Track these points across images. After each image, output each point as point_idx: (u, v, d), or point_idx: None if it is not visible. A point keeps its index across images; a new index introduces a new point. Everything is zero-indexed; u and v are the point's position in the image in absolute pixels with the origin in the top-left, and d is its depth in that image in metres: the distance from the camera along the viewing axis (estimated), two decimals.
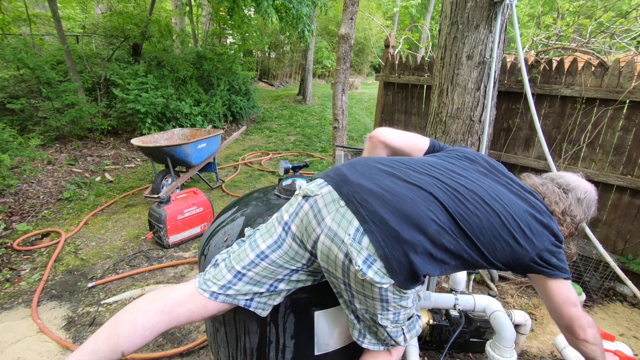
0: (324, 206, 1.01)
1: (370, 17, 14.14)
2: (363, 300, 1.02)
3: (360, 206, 0.95)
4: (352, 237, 0.93)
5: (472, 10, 2.55)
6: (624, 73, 2.46)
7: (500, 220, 0.98)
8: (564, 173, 1.27)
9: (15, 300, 2.36)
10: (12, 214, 3.52)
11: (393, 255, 0.92)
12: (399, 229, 0.91)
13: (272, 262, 1.09)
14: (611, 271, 2.39)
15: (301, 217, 1.06)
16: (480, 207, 0.98)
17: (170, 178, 3.98)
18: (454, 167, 1.11)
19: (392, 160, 1.11)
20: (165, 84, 6.28)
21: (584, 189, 1.20)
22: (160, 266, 2.79)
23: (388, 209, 0.94)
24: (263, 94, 11.90)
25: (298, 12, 5.99)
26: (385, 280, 0.93)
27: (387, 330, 1.06)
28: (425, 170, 1.07)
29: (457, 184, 1.02)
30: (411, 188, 0.99)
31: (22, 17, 5.86)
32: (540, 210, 1.06)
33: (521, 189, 1.11)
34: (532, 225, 1.01)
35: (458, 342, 1.90)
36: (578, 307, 1.06)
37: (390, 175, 1.03)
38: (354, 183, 1.00)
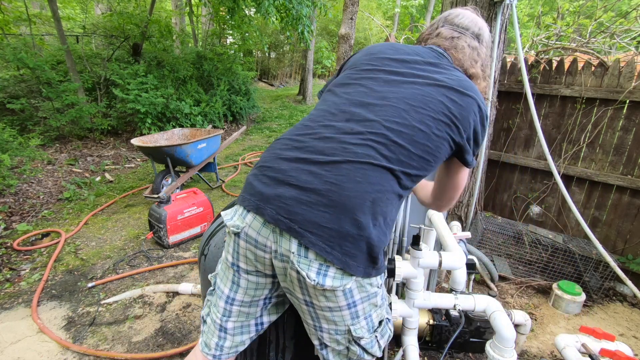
0: (257, 234, 0.91)
1: (370, 17, 14.15)
2: (330, 316, 0.93)
3: (290, 221, 0.85)
4: (296, 254, 0.86)
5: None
6: (624, 73, 2.46)
7: (424, 133, 0.92)
8: (467, 13, 1.16)
9: (15, 300, 2.36)
10: (12, 214, 3.52)
11: (345, 254, 0.84)
12: (338, 227, 0.84)
13: (241, 303, 1.02)
14: (611, 271, 2.39)
15: (244, 254, 0.96)
16: (400, 133, 0.90)
17: (170, 178, 3.98)
18: (352, 98, 0.98)
19: (294, 138, 0.97)
20: (165, 84, 6.28)
21: (486, 29, 1.15)
22: (160, 266, 2.79)
23: (319, 211, 0.84)
24: (263, 94, 11.89)
25: (298, 12, 5.99)
26: (345, 281, 0.86)
27: (361, 343, 0.96)
28: (329, 128, 0.94)
29: (364, 122, 0.92)
30: (329, 169, 0.87)
31: (22, 17, 5.86)
32: (459, 83, 0.98)
33: (428, 68, 1.01)
34: (453, 110, 0.95)
35: (458, 342, 1.90)
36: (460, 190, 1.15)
37: (304, 164, 0.90)
38: (272, 197, 0.88)
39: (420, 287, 1.46)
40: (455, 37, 1.11)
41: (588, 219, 2.76)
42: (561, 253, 2.60)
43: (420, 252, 1.33)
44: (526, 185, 3.08)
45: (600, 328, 1.67)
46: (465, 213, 2.98)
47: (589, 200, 2.78)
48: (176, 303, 2.38)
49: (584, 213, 2.78)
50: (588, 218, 2.77)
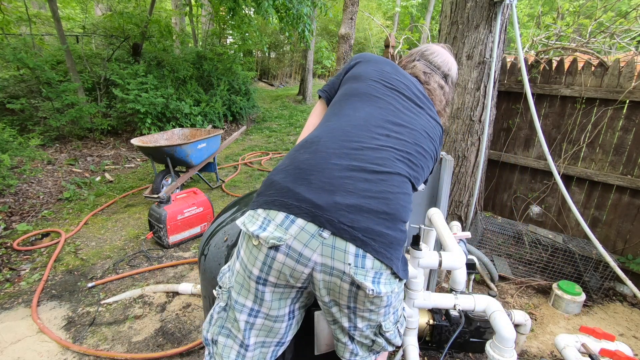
0: (303, 247, 0.84)
1: (370, 17, 14.15)
2: (367, 316, 0.94)
3: (352, 229, 0.83)
4: (353, 265, 0.83)
5: (472, 10, 2.55)
6: (623, 73, 2.46)
7: (429, 157, 1.13)
8: (441, 50, 1.35)
9: (15, 300, 2.36)
10: (12, 214, 3.52)
11: (398, 259, 0.91)
12: (394, 233, 0.89)
13: (265, 316, 0.97)
14: (611, 271, 2.39)
15: (278, 269, 0.88)
16: (421, 156, 1.07)
17: (170, 178, 3.98)
18: (386, 115, 1.07)
19: (344, 145, 0.96)
20: (165, 84, 6.28)
21: (455, 68, 1.35)
22: (160, 266, 2.79)
23: (379, 218, 0.86)
24: (263, 94, 11.89)
25: (298, 12, 5.99)
26: (394, 285, 0.91)
27: (386, 336, 0.99)
28: (374, 139, 0.98)
29: (399, 140, 1.03)
30: (383, 178, 0.92)
31: (22, 17, 5.86)
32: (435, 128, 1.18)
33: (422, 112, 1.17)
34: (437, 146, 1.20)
35: (458, 342, 1.90)
36: None
37: (356, 172, 0.90)
38: (329, 205, 0.84)
39: (420, 287, 1.46)
40: (427, 72, 1.29)
41: (588, 219, 2.76)
42: (561, 253, 2.60)
43: (420, 252, 1.33)
44: (526, 185, 3.08)
45: (600, 328, 1.67)
46: (465, 213, 2.98)
47: (589, 200, 2.78)
48: (176, 303, 2.38)
49: (584, 213, 2.78)
50: (588, 218, 2.77)
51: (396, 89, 1.14)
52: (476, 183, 2.86)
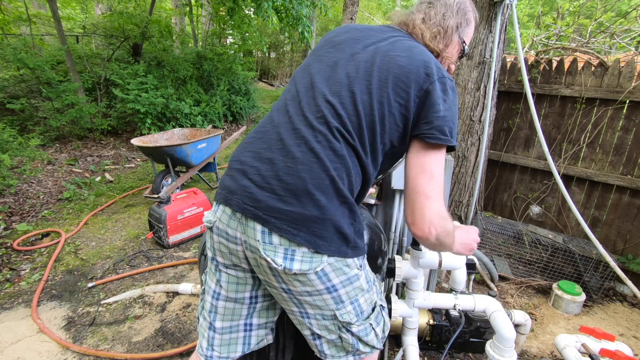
0: (226, 226, 0.94)
1: (370, 17, 14.15)
2: (312, 301, 0.93)
3: (254, 209, 0.88)
4: (261, 241, 0.88)
5: None
6: (623, 73, 2.46)
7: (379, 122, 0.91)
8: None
9: (15, 300, 2.36)
10: (12, 214, 3.52)
11: (313, 234, 0.86)
12: (302, 209, 0.85)
13: (226, 298, 1.04)
14: (611, 271, 2.39)
15: (218, 249, 1.00)
16: (354, 117, 0.91)
17: (170, 178, 3.98)
18: (308, 82, 1.00)
19: (258, 130, 1.01)
20: (165, 84, 6.28)
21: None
22: (160, 266, 2.79)
23: (283, 196, 0.86)
24: (263, 94, 11.88)
25: (298, 13, 5.99)
26: (314, 264, 0.87)
27: (352, 330, 0.95)
28: (287, 118, 0.96)
29: (320, 105, 0.93)
30: (286, 154, 0.89)
31: (22, 17, 5.86)
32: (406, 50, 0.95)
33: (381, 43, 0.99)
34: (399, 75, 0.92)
35: (458, 342, 1.90)
36: (436, 183, 0.90)
37: (264, 152, 0.93)
38: (238, 189, 0.91)
39: (420, 287, 1.46)
40: (409, 12, 1.12)
41: (588, 219, 2.76)
42: (561, 253, 2.60)
43: (420, 252, 1.33)
44: (526, 185, 3.08)
45: (600, 328, 1.67)
46: (465, 213, 2.98)
47: (589, 200, 2.78)
48: (176, 303, 2.38)
49: (584, 213, 2.78)
50: (588, 218, 2.77)
51: (325, 51, 1.04)
52: (476, 183, 2.87)
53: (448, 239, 0.93)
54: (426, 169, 0.90)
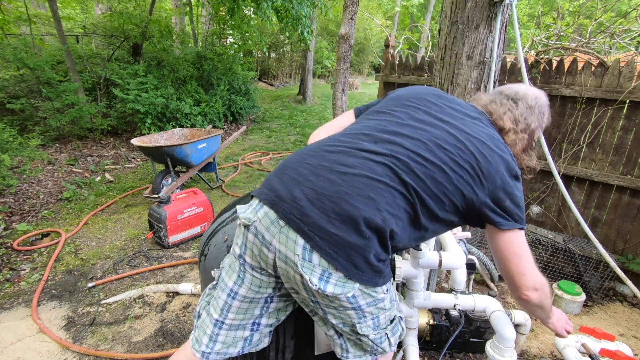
0: (265, 231, 0.94)
1: (370, 17, 14.15)
2: (336, 314, 0.96)
3: (301, 222, 0.88)
4: (301, 257, 0.88)
5: (472, 10, 2.55)
6: (623, 73, 2.46)
7: (445, 174, 0.93)
8: (512, 84, 1.22)
9: (15, 300, 2.36)
10: (12, 214, 3.52)
11: (350, 262, 0.88)
12: (346, 235, 0.87)
13: (243, 298, 1.04)
14: (611, 271, 2.39)
15: (250, 248, 1.00)
16: (423, 167, 0.93)
17: (170, 178, 3.98)
18: (386, 125, 1.02)
19: (321, 148, 1.01)
20: (165, 84, 6.28)
21: (534, 95, 1.15)
22: (160, 266, 2.79)
23: (329, 217, 0.88)
24: (263, 94, 11.89)
25: (298, 13, 5.99)
26: (347, 289, 0.89)
27: (369, 338, 1.00)
28: (357, 145, 0.98)
29: (392, 147, 0.95)
30: (347, 180, 0.91)
31: (22, 17, 5.86)
32: (490, 144, 0.99)
33: (465, 120, 1.03)
34: (481, 165, 0.95)
35: (458, 342, 1.90)
36: (525, 260, 0.98)
37: (323, 170, 0.94)
38: (288, 197, 0.92)
39: (421, 287, 1.46)
40: (492, 99, 1.18)
41: (588, 219, 2.76)
42: (561, 253, 2.60)
43: (420, 252, 1.33)
44: (526, 185, 3.08)
45: (600, 328, 1.67)
46: None
47: (589, 200, 2.78)
48: (176, 303, 2.38)
49: (584, 213, 2.78)
50: (588, 218, 2.77)
51: (416, 105, 1.07)
52: None
53: (547, 302, 1.05)
54: (513, 253, 0.98)
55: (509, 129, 1.09)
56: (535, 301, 1.00)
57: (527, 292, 0.98)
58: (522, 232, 0.98)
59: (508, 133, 1.10)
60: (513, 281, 0.99)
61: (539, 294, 0.99)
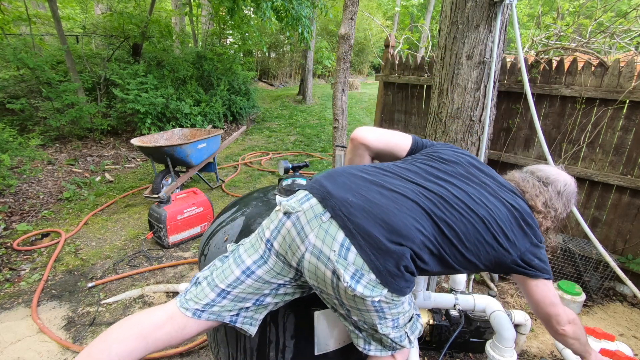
0: (306, 223, 0.98)
1: (370, 17, 14.15)
2: (359, 313, 1.01)
3: (347, 220, 0.94)
4: (337, 253, 0.92)
5: (472, 10, 2.55)
6: (623, 73, 2.46)
7: (484, 225, 1.01)
8: (544, 166, 1.29)
9: (15, 300, 2.36)
10: (12, 214, 3.52)
11: (385, 268, 0.92)
12: (387, 242, 0.92)
13: (258, 278, 1.06)
14: (611, 271, 2.39)
15: (283, 235, 1.03)
16: (465, 213, 1.01)
17: (170, 178, 3.98)
18: (437, 172, 1.12)
19: (376, 169, 1.12)
20: (165, 84, 6.28)
21: (564, 181, 1.22)
22: (160, 266, 2.79)
23: (376, 222, 0.93)
24: (263, 94, 11.89)
25: (297, 13, 5.99)
26: (375, 293, 0.93)
27: (390, 337, 1.04)
28: (410, 177, 1.08)
29: (441, 190, 1.04)
30: (397, 198, 0.99)
31: (22, 17, 5.86)
32: (523, 212, 1.09)
33: (503, 189, 1.13)
34: (514, 229, 1.05)
35: (458, 342, 1.90)
36: (558, 305, 1.11)
37: (375, 185, 1.02)
38: (339, 196, 0.98)
39: (421, 287, 1.46)
40: (524, 178, 1.25)
41: (588, 219, 2.76)
42: (561, 253, 2.60)
43: None
44: None
45: (600, 328, 1.67)
46: None
47: (589, 200, 2.78)
48: None
49: (584, 213, 2.78)
50: (588, 218, 2.77)
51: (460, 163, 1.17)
52: None
53: (581, 333, 1.18)
54: (546, 302, 1.11)
55: (539, 210, 1.16)
56: (571, 334, 1.14)
57: (565, 327, 1.13)
58: (549, 281, 1.10)
59: (538, 214, 1.16)
60: (551, 322, 1.14)
61: (572, 327, 1.14)
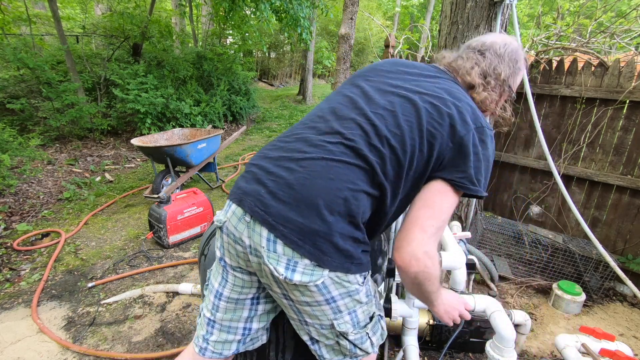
0: (234, 229, 0.95)
1: (370, 17, 14.14)
2: (310, 311, 0.94)
3: (265, 214, 0.88)
4: (266, 249, 0.88)
5: (472, 10, 2.55)
6: (623, 73, 2.46)
7: (399, 138, 0.90)
8: (480, 36, 1.14)
9: (15, 300, 2.36)
10: (12, 214, 3.52)
11: (317, 248, 0.86)
12: (309, 222, 0.85)
13: (227, 299, 1.05)
14: (611, 271, 2.39)
15: (227, 249, 1.01)
16: (376, 137, 0.90)
17: (170, 178, 3.98)
18: (338, 107, 1.00)
19: (281, 139, 1.02)
20: (165, 84, 6.28)
21: (502, 42, 1.07)
22: (160, 266, 2.79)
23: (293, 206, 0.86)
24: (263, 94, 11.89)
25: (296, 14, 5.99)
26: (315, 277, 0.87)
27: (349, 338, 0.96)
28: (312, 131, 0.97)
29: (346, 124, 0.93)
30: (305, 165, 0.90)
31: (22, 17, 5.86)
32: (447, 92, 0.94)
33: (421, 80, 0.99)
34: (434, 118, 0.91)
35: (458, 342, 1.90)
36: (439, 225, 0.89)
37: (283, 161, 0.93)
38: (252, 192, 0.93)
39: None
40: (458, 55, 1.12)
41: (588, 219, 2.76)
42: (561, 253, 2.60)
43: None
44: (526, 185, 3.08)
45: (600, 328, 1.67)
46: (465, 213, 2.98)
47: (589, 200, 2.78)
48: (176, 303, 2.38)
49: (584, 213, 2.78)
50: (588, 218, 2.77)
51: (369, 78, 1.04)
52: None
53: (429, 285, 0.93)
54: (435, 206, 0.90)
55: (478, 84, 1.03)
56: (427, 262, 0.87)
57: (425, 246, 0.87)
58: (457, 194, 0.91)
59: (478, 89, 1.03)
60: (413, 231, 0.88)
61: (426, 261, 0.87)
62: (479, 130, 0.93)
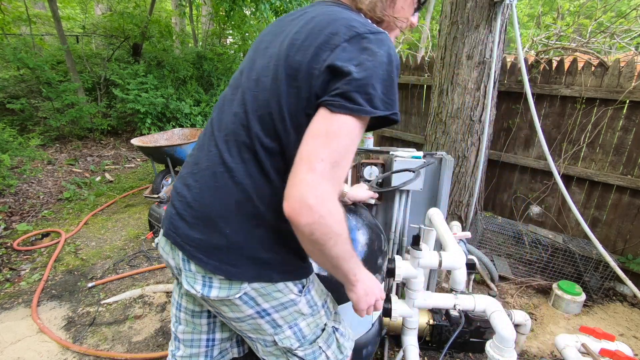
0: (163, 252, 0.97)
1: None
2: (245, 326, 0.90)
3: (175, 235, 0.88)
4: (183, 268, 0.88)
5: (472, 10, 2.55)
6: (624, 73, 2.46)
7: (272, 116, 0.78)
8: None
9: (15, 300, 2.36)
10: (12, 214, 3.52)
11: (223, 262, 0.82)
12: (208, 238, 0.83)
13: (185, 309, 1.04)
14: (611, 271, 2.39)
15: (167, 266, 1.02)
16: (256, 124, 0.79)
17: (170, 178, 3.98)
18: (222, 103, 0.92)
19: (191, 154, 0.98)
20: (165, 84, 6.28)
21: None
22: (161, 266, 2.79)
23: (193, 225, 0.85)
24: None
25: None
26: (233, 290, 0.83)
27: (298, 355, 0.90)
28: (204, 139, 0.92)
29: (225, 121, 0.86)
30: (198, 179, 0.87)
31: (22, 17, 5.87)
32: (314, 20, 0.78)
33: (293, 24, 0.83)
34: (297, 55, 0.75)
35: (458, 342, 1.90)
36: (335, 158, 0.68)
37: (187, 178, 0.91)
38: (168, 214, 0.94)
39: (420, 287, 1.46)
40: None
41: (588, 219, 2.76)
42: (561, 253, 2.60)
43: (420, 252, 1.33)
44: (526, 185, 3.08)
45: (600, 328, 1.67)
46: (465, 213, 2.98)
47: (589, 200, 2.78)
48: None
49: (584, 213, 2.78)
50: (588, 218, 2.77)
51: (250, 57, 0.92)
52: (476, 183, 2.86)
53: (333, 246, 0.71)
54: (322, 133, 0.69)
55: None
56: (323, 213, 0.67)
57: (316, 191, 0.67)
58: (356, 121, 0.70)
59: (363, 2, 0.86)
60: (301, 168, 0.68)
61: (320, 209, 0.66)
62: (354, 40, 0.73)
